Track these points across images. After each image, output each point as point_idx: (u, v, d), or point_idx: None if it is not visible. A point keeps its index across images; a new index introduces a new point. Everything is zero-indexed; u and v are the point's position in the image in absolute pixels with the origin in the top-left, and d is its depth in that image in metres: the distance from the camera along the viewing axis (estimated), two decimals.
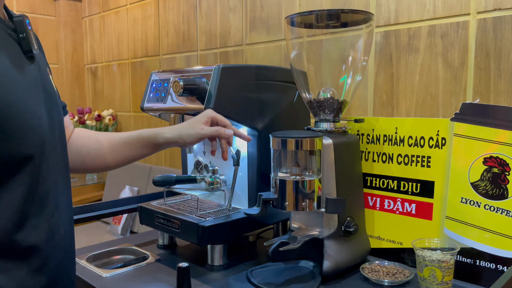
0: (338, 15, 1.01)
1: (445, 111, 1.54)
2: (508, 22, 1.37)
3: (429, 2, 1.53)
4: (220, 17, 2.24)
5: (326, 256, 0.98)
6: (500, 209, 0.90)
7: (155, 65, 2.63)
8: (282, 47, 1.97)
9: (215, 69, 1.00)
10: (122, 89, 2.91)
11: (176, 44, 2.49)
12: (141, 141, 0.94)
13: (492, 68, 1.41)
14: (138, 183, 2.59)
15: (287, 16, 1.04)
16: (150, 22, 2.64)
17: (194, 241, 1.02)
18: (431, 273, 0.87)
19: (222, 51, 2.25)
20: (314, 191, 0.94)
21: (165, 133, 0.93)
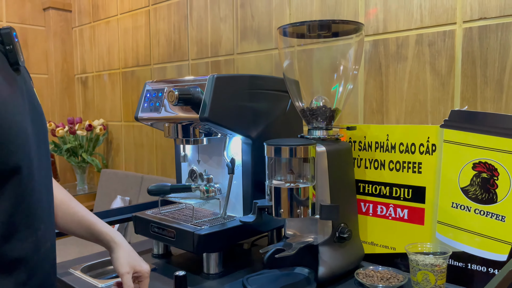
0: (329, 26, 1.03)
1: (434, 118, 1.57)
2: (493, 31, 1.41)
3: (416, 12, 1.57)
4: (211, 26, 2.26)
5: (321, 262, 0.99)
6: (490, 213, 0.93)
7: (146, 75, 2.64)
8: (273, 56, 2.00)
9: (209, 79, 1.01)
10: (113, 98, 2.90)
11: (167, 53, 2.51)
12: (93, 235, 0.96)
13: (479, 76, 1.45)
14: (129, 193, 2.58)
15: (279, 26, 1.06)
16: (141, 32, 2.65)
17: (190, 249, 1.02)
18: (425, 277, 0.88)
19: (214, 60, 2.27)
20: (308, 198, 0.96)
21: (113, 248, 0.95)
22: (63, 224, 0.94)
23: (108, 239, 0.96)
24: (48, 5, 3.04)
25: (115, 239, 0.95)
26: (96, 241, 0.97)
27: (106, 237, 0.96)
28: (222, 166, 1.15)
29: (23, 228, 0.68)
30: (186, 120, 1.05)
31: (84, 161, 2.91)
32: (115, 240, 0.95)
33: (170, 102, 1.00)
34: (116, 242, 0.95)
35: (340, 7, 1.77)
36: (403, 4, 1.59)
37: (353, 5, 1.73)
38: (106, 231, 0.96)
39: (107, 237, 0.96)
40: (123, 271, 0.91)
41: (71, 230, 0.96)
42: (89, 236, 0.97)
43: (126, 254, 0.95)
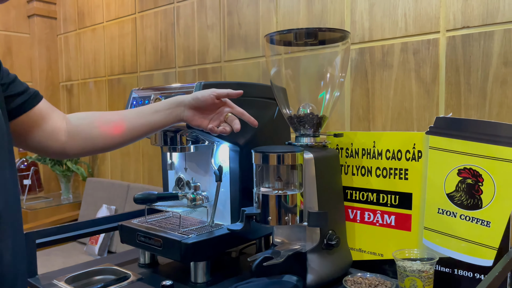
0: (316, 34, 1.04)
1: (419, 125, 1.59)
2: (476, 39, 1.43)
3: (401, 20, 1.59)
4: (198, 34, 2.26)
5: (309, 270, 0.98)
6: (475, 218, 0.93)
7: (133, 82, 2.63)
8: (261, 64, 2.00)
9: (196, 86, 1.01)
10: (99, 106, 2.88)
11: (154, 61, 2.50)
12: (166, 106, 0.92)
13: (462, 83, 1.47)
14: (115, 202, 2.55)
15: (266, 34, 1.06)
16: (127, 39, 2.64)
17: (177, 258, 1.01)
18: (412, 283, 0.89)
19: (201, 68, 2.27)
20: (296, 205, 0.96)
21: (183, 96, 0.93)
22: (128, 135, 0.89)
23: (174, 98, 0.91)
24: (33, 12, 3.01)
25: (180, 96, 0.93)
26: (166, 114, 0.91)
27: (171, 99, 0.91)
28: (209, 174, 1.14)
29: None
30: (173, 128, 1.04)
31: (69, 169, 2.88)
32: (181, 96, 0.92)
33: None
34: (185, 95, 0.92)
35: (326, 15, 1.79)
36: (388, 13, 1.61)
37: (339, 13, 1.75)
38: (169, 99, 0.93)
39: (173, 98, 0.92)
40: (213, 90, 0.91)
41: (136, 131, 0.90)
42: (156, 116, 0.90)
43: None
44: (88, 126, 0.89)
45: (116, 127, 0.89)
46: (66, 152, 0.88)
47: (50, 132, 0.85)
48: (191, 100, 0.92)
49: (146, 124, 0.90)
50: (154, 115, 0.90)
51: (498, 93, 1.39)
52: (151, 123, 0.90)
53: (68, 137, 0.87)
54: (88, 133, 0.88)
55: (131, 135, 0.90)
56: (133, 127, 0.90)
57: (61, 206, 2.84)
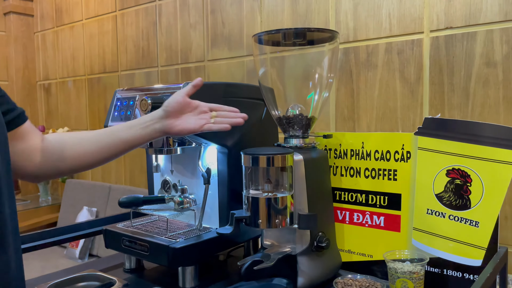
0: (305, 34, 1.03)
1: (404, 125, 1.60)
2: (459, 40, 1.45)
3: (385, 21, 1.60)
4: (181, 33, 2.23)
5: (300, 273, 0.98)
6: (464, 219, 0.94)
7: (114, 81, 2.57)
8: (245, 64, 1.99)
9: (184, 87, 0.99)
10: (78, 106, 2.81)
11: (135, 60, 2.45)
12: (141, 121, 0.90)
13: (446, 83, 1.48)
14: (96, 204, 2.50)
15: (254, 34, 1.05)
16: (107, 38, 2.59)
17: (165, 263, 0.99)
18: (403, 285, 0.89)
19: (184, 67, 2.23)
20: (286, 207, 0.95)
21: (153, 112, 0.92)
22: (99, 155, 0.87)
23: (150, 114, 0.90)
24: (9, 9, 2.92)
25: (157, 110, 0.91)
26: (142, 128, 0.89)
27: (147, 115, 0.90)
28: (196, 176, 1.12)
29: None
30: None
31: None
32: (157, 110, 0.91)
33: (142, 111, 0.97)
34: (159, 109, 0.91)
35: (311, 15, 1.78)
36: (372, 13, 1.62)
37: (324, 13, 1.75)
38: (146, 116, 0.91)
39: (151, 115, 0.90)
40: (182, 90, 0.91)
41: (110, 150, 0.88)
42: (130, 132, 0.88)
43: None
44: (60, 146, 0.86)
45: (88, 146, 0.86)
46: (39, 173, 0.84)
47: (27, 153, 0.81)
48: (165, 108, 0.90)
49: (120, 142, 0.88)
50: (128, 132, 0.88)
51: (480, 93, 1.41)
52: (125, 140, 0.88)
53: (42, 157, 0.84)
54: (61, 153, 0.85)
55: (104, 154, 0.88)
56: (106, 146, 0.87)
57: (39, 209, 2.77)
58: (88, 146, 0.86)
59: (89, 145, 0.86)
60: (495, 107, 1.41)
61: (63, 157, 0.84)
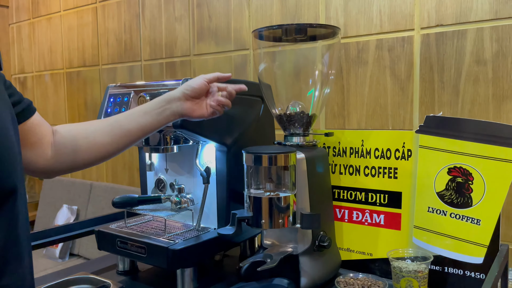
0: (306, 29, 1.01)
1: (394, 122, 1.61)
2: (450, 38, 1.46)
3: (376, 17, 1.59)
4: (166, 26, 2.17)
5: (303, 273, 0.96)
6: (465, 217, 0.94)
7: (94, 75, 2.50)
8: (232, 59, 1.95)
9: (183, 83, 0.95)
10: (56, 101, 2.72)
11: (117, 53, 2.38)
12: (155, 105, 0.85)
13: (436, 81, 1.49)
14: (77, 202, 2.43)
15: (254, 29, 1.02)
16: (87, 30, 2.50)
17: (164, 266, 0.96)
18: (408, 284, 0.88)
19: (169, 61, 2.18)
20: (289, 207, 0.93)
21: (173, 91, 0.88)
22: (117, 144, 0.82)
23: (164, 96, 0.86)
24: None
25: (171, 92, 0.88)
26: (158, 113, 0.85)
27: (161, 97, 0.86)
28: (193, 175, 1.09)
29: (12, 259, 0.59)
30: None
31: None
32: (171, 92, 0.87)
33: None
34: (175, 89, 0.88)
35: (300, 10, 1.76)
36: (363, 9, 1.61)
37: (314, 8, 1.73)
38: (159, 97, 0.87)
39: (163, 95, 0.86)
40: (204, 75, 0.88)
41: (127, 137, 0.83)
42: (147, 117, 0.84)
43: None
44: (73, 138, 0.80)
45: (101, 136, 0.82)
46: (51, 168, 0.79)
47: (38, 147, 0.76)
48: (185, 91, 0.86)
49: (137, 128, 0.83)
50: (145, 117, 0.84)
51: (470, 91, 1.42)
52: (142, 125, 0.83)
53: (54, 151, 0.79)
54: (74, 146, 0.80)
55: (120, 143, 0.83)
56: (121, 134, 0.83)
57: None
58: (101, 137, 0.81)
59: (103, 135, 0.81)
60: (485, 104, 1.42)
61: (76, 150, 0.79)
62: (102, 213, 2.27)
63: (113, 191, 2.24)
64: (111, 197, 2.28)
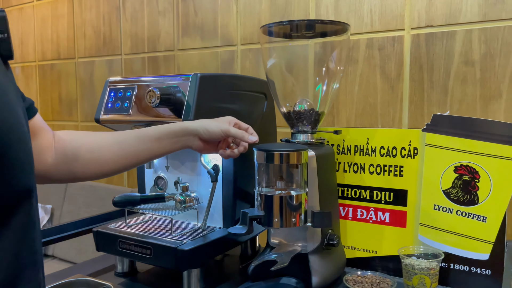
0: (314, 26, 1.00)
1: (384, 120, 1.63)
2: (439, 38, 1.49)
3: (366, 16, 1.60)
4: (148, 20, 2.11)
5: (313, 272, 0.95)
6: (472, 214, 0.96)
7: (70, 69, 2.39)
8: (219, 54, 1.92)
9: (193, 78, 0.92)
10: (28, 94, 2.58)
11: (95, 46, 2.30)
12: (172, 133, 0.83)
13: (425, 80, 1.52)
14: (51, 200, 2.32)
15: (263, 25, 1.00)
16: (62, 22, 2.40)
17: (172, 267, 0.92)
18: (420, 281, 0.89)
19: (151, 56, 2.12)
20: (301, 205, 0.92)
21: (190, 124, 0.85)
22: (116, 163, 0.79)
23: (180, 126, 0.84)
24: None
25: (184, 122, 0.85)
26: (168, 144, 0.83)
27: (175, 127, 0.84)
28: (196, 173, 1.06)
29: (29, 266, 0.54)
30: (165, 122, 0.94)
31: None
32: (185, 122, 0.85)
33: (150, 103, 0.89)
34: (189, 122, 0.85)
35: (290, 7, 1.75)
36: (354, 8, 1.62)
37: (304, 6, 1.72)
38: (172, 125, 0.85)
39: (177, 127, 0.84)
40: (225, 127, 0.85)
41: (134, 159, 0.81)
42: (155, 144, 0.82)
43: (209, 120, 0.86)
44: (78, 148, 0.77)
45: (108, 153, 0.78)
46: (49, 176, 0.75)
47: (38, 151, 0.71)
48: (202, 133, 0.85)
49: (147, 152, 0.81)
50: (157, 143, 0.82)
51: (458, 91, 1.46)
52: (152, 151, 0.82)
53: (54, 158, 0.74)
54: (75, 156, 0.76)
55: (125, 163, 0.80)
56: (129, 155, 0.80)
57: None
58: (108, 154, 0.78)
59: (110, 153, 0.78)
60: (472, 104, 1.46)
61: (78, 161, 0.75)
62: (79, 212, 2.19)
63: (91, 190, 2.16)
64: (89, 195, 2.19)
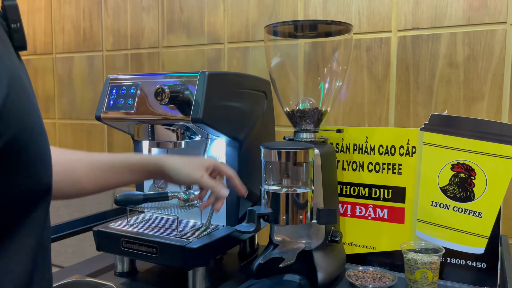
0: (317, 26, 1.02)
1: (371, 119, 1.67)
2: (425, 41, 1.54)
3: (354, 18, 1.63)
4: (131, 16, 2.07)
5: (318, 268, 0.97)
6: (468, 210, 1.01)
7: (47, 64, 2.32)
8: (205, 52, 1.91)
9: (201, 76, 0.92)
10: None
11: (74, 42, 2.23)
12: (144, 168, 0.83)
13: (411, 81, 1.57)
14: None
15: (267, 24, 1.01)
16: (39, 16, 2.32)
17: (179, 265, 0.92)
18: (423, 275, 0.92)
19: (134, 53, 2.08)
20: (307, 202, 0.93)
21: (165, 162, 0.83)
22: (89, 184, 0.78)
23: (153, 161, 0.83)
24: None
25: (159, 156, 0.84)
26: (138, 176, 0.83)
27: (148, 161, 0.83)
28: None
29: (41, 266, 0.52)
30: (171, 121, 0.93)
31: None
32: (160, 157, 0.83)
33: (159, 100, 0.88)
34: (165, 158, 0.83)
35: (278, 6, 1.76)
36: (342, 9, 1.65)
37: (292, 6, 1.74)
38: (145, 157, 0.85)
39: (150, 160, 0.83)
40: (197, 176, 0.82)
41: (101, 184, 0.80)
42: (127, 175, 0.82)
43: (186, 160, 0.84)
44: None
45: (81, 177, 0.78)
46: None
47: None
48: (173, 175, 0.84)
49: (115, 182, 0.82)
50: (128, 175, 0.83)
51: (443, 92, 1.51)
52: (122, 181, 0.82)
53: None
54: None
55: (96, 188, 0.81)
56: (100, 182, 0.80)
57: None
58: (82, 174, 0.78)
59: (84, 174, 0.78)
60: (456, 104, 1.52)
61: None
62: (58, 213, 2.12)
63: None
64: None
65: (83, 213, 2.05)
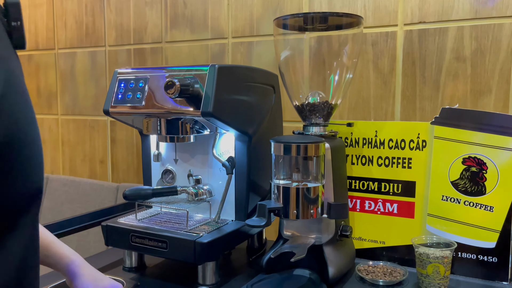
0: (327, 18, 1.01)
1: (376, 114, 1.66)
2: (431, 35, 1.53)
3: (360, 12, 1.62)
4: (134, 11, 2.06)
5: (329, 263, 0.96)
6: (479, 204, 1.00)
7: (49, 60, 2.30)
8: (209, 47, 1.90)
9: (211, 69, 0.91)
10: None
11: (77, 37, 2.22)
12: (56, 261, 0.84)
13: (418, 76, 1.56)
14: None
15: (277, 17, 0.99)
16: (41, 11, 2.30)
17: (190, 260, 0.91)
18: (435, 269, 0.92)
19: (137, 48, 2.07)
20: (318, 197, 0.92)
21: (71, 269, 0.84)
22: None
23: (67, 262, 0.83)
24: None
25: (75, 262, 0.84)
26: (50, 264, 0.84)
27: (64, 260, 0.83)
28: (208, 165, 1.05)
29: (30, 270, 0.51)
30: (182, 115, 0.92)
31: None
32: (75, 263, 0.83)
33: (169, 94, 0.87)
34: (77, 265, 0.83)
35: (283, 0, 1.75)
36: (348, 3, 1.63)
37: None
38: (64, 253, 0.84)
39: (66, 260, 0.83)
40: None
41: None
42: (43, 259, 0.82)
43: (92, 277, 0.84)
44: None
45: None
46: None
47: None
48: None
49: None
50: (44, 259, 0.83)
51: (450, 86, 1.50)
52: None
53: None
54: None
55: None
56: None
57: None
58: None
59: None
60: (463, 99, 1.51)
61: None
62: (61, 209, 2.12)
63: (73, 185, 2.10)
64: (71, 191, 2.13)
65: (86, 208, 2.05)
